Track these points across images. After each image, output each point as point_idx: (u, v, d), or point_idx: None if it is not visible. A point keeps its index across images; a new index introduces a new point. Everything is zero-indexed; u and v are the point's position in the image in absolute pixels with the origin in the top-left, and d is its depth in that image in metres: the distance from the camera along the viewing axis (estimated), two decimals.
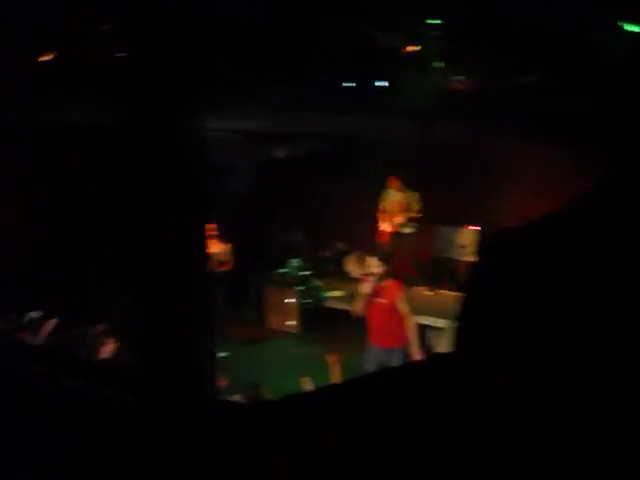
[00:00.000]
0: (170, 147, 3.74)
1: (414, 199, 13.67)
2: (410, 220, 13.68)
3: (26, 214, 12.38)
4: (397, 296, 9.47)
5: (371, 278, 9.49)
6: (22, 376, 4.26)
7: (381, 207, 13.93)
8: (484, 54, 9.58)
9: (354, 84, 10.72)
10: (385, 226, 13.85)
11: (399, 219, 13.72)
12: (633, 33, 8.06)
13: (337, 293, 13.53)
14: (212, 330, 4.00)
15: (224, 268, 12.23)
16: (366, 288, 9.50)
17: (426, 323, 12.25)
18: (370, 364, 9.43)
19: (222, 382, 8.62)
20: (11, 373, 4.64)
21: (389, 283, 9.59)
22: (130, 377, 6.01)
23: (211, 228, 12.03)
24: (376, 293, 9.47)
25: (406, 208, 13.71)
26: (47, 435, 3.77)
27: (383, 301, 9.44)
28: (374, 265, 9.50)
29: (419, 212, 13.59)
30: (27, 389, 4.34)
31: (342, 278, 13.69)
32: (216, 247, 12.11)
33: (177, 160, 3.75)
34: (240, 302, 13.75)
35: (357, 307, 9.79)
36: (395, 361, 9.36)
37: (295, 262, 13.90)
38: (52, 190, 12.28)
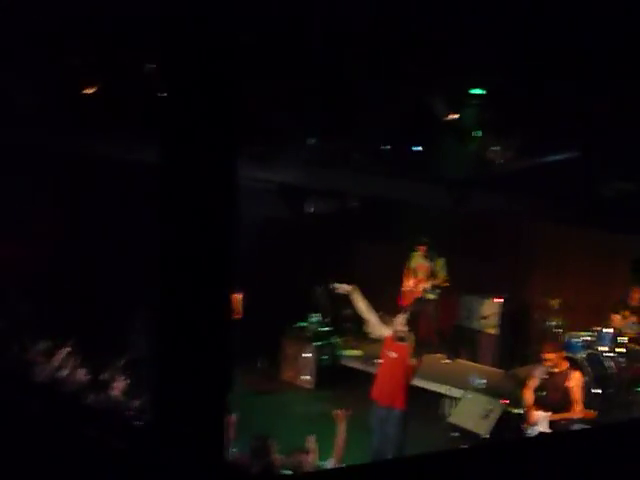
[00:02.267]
0: (206, 192, 3.74)
1: (440, 265, 13.64)
2: (435, 286, 13.63)
3: (55, 241, 12.48)
4: (408, 352, 9.29)
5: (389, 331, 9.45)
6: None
7: (407, 270, 13.90)
8: (523, 128, 9.60)
9: (393, 146, 10.77)
10: (409, 289, 13.80)
11: (424, 284, 13.67)
12: None
13: (355, 352, 13.45)
14: (228, 381, 3.96)
15: (233, 317, 12.14)
16: (384, 332, 9.50)
17: (441, 391, 12.15)
18: (374, 422, 9.36)
19: (231, 431, 8.56)
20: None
21: (405, 344, 9.39)
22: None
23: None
24: (390, 347, 9.40)
25: (432, 273, 13.68)
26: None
27: (394, 355, 9.32)
28: (400, 323, 9.41)
29: (444, 279, 13.54)
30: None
31: (361, 338, 13.61)
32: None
33: (213, 207, 3.75)
34: (257, 352, 13.69)
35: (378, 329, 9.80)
36: (392, 427, 9.23)
37: (315, 317, 13.85)
38: (83, 221, 12.41)
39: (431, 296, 13.69)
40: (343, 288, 9.73)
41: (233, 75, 4.14)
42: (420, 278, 13.71)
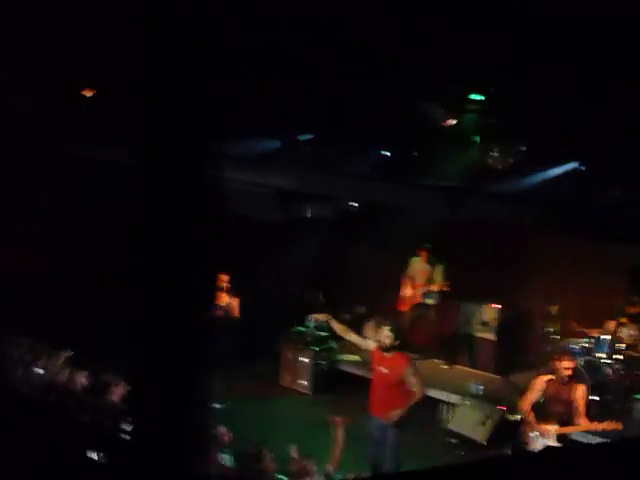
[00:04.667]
0: (187, 191, 3.72)
1: (439, 271, 13.61)
2: (433, 291, 13.60)
3: (48, 245, 12.46)
4: (402, 369, 9.01)
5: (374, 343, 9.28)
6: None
7: (405, 275, 13.88)
8: (523, 135, 9.60)
9: (391, 152, 10.76)
10: (408, 295, 13.78)
11: (423, 289, 13.65)
12: None
13: (352, 357, 13.42)
14: (211, 383, 3.93)
15: (230, 321, 12.12)
16: (369, 346, 9.37)
17: (439, 397, 12.12)
18: (370, 432, 9.26)
19: (226, 436, 8.53)
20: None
21: (395, 355, 9.10)
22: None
23: (223, 280, 12.01)
24: (379, 362, 9.22)
25: (430, 279, 13.65)
26: None
27: (385, 372, 9.07)
28: (385, 335, 9.22)
29: (443, 284, 13.51)
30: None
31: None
32: (225, 299, 12.05)
33: (192, 204, 3.72)
34: (254, 357, 13.66)
35: (362, 345, 9.68)
36: (389, 437, 9.14)
37: (313, 322, 13.79)
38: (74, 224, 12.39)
39: (430, 301, 13.67)
40: (318, 318, 9.60)
41: (226, 76, 4.13)
42: (419, 283, 13.69)
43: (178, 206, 3.70)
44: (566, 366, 8.90)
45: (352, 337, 9.69)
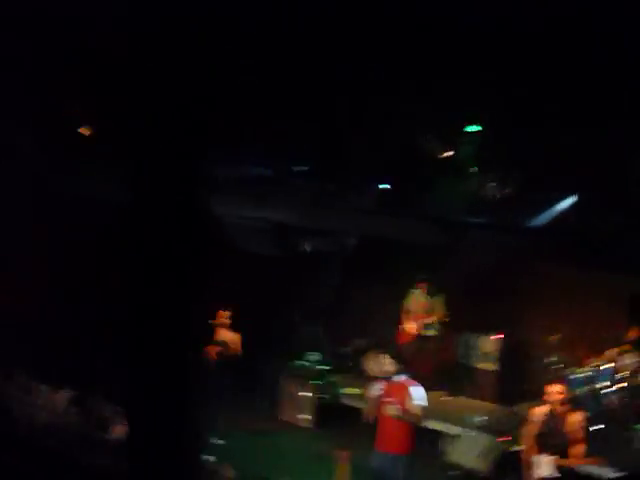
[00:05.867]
0: (184, 226, 3.74)
1: (439, 302, 13.61)
2: (434, 323, 13.57)
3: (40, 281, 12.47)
4: (407, 394, 9.09)
5: (382, 379, 9.22)
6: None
7: (405, 307, 13.86)
8: (519, 165, 9.63)
9: (389, 185, 10.79)
10: (408, 327, 13.75)
11: (423, 321, 13.63)
12: None
13: (353, 390, 13.37)
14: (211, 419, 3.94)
15: (232, 357, 12.08)
16: (375, 390, 9.29)
17: (440, 429, 12.07)
18: (378, 468, 9.16)
19: (229, 473, 8.50)
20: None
21: (401, 381, 9.22)
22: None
23: (223, 315, 12.00)
24: (387, 393, 9.20)
25: (430, 311, 13.64)
26: None
27: (392, 400, 9.07)
28: (387, 363, 9.22)
29: (443, 316, 13.49)
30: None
31: (360, 375, 13.55)
32: (227, 335, 12.03)
33: (189, 240, 3.74)
34: (255, 392, 13.63)
35: (368, 410, 9.49)
36: (398, 472, 9.04)
37: (313, 355, 13.77)
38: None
39: (430, 332, 13.64)
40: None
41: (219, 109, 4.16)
42: (419, 315, 13.66)
43: (176, 241, 3.72)
44: (557, 390, 8.88)
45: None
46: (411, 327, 13.69)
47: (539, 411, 9.14)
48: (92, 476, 7.52)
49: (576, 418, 8.95)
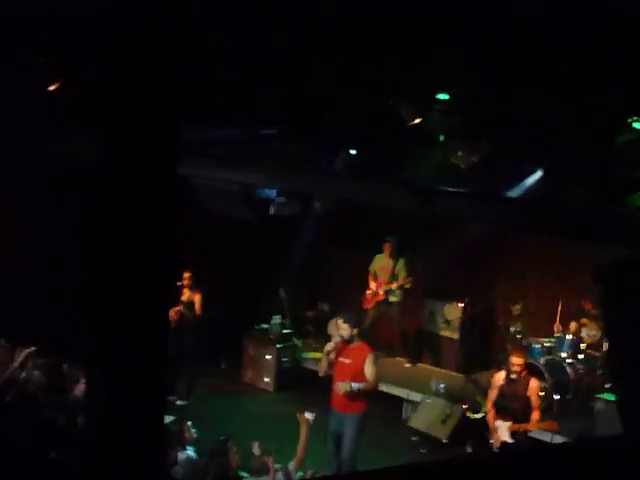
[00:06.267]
0: (150, 186, 3.69)
1: (401, 265, 13.60)
2: (398, 288, 13.58)
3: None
4: (364, 357, 9.09)
5: (337, 338, 9.24)
6: None
7: (372, 272, 13.87)
8: (489, 133, 9.62)
9: (358, 150, 10.76)
10: (372, 291, 13.77)
11: (387, 286, 13.62)
12: None
13: (316, 355, 13.42)
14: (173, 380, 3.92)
15: (194, 318, 12.09)
16: (329, 346, 9.31)
17: (401, 395, 12.17)
18: (329, 427, 9.22)
19: (189, 433, 8.51)
20: None
21: (358, 344, 9.22)
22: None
23: (186, 276, 12.01)
24: (341, 353, 9.23)
25: (395, 275, 13.62)
26: None
27: (347, 361, 9.10)
28: (342, 327, 9.24)
29: (407, 280, 13.46)
30: None
31: (324, 340, 13.59)
32: (189, 296, 12.06)
33: (154, 200, 3.70)
34: (219, 354, 13.63)
35: (320, 366, 9.59)
36: (347, 431, 9.16)
37: (277, 319, 13.77)
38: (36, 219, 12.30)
39: (393, 299, 13.66)
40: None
41: (187, 72, 4.10)
42: (382, 281, 13.67)
43: (140, 201, 3.67)
44: (517, 362, 9.03)
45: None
46: (374, 292, 13.72)
47: (498, 377, 9.29)
48: (52, 434, 7.47)
49: (533, 384, 9.10)
